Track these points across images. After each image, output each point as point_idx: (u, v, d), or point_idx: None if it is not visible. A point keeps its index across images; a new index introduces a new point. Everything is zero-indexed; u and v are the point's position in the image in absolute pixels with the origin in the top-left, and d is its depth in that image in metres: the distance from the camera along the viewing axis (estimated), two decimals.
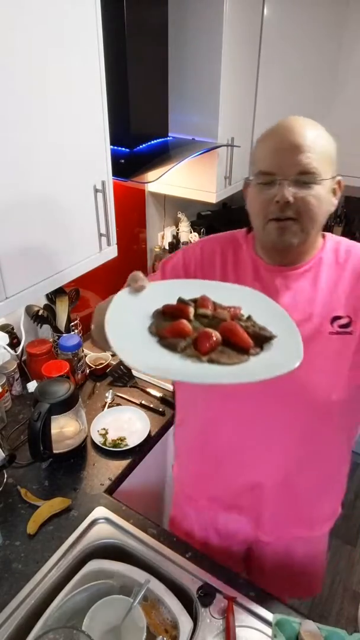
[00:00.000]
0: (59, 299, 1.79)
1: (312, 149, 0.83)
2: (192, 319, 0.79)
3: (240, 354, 0.73)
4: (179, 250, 1.08)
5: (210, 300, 0.82)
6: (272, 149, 0.87)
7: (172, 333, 0.75)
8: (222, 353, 0.73)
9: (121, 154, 1.71)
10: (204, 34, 1.79)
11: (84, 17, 1.13)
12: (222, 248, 1.02)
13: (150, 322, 0.79)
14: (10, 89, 1.00)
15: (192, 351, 0.73)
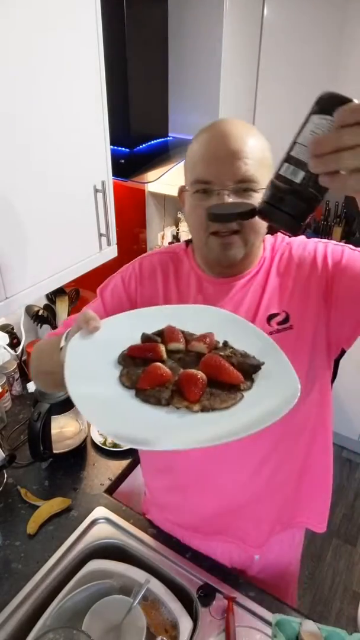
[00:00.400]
0: (59, 299, 1.80)
1: (250, 154, 0.79)
2: (166, 358, 0.69)
3: (231, 392, 0.64)
4: (114, 274, 1.02)
5: (177, 331, 0.73)
6: (208, 156, 0.81)
7: (150, 382, 0.64)
8: (212, 396, 0.63)
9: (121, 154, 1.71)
10: (204, 34, 1.79)
11: (84, 17, 1.13)
12: (162, 264, 0.97)
13: (119, 371, 0.68)
14: (10, 89, 1.00)
15: (180, 401, 0.63)
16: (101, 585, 1.03)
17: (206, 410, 0.62)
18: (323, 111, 0.48)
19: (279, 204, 0.56)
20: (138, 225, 2.38)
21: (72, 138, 1.20)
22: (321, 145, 0.44)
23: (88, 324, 0.70)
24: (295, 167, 0.52)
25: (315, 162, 0.45)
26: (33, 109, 1.07)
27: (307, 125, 0.50)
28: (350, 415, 2.61)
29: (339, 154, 0.43)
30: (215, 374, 0.65)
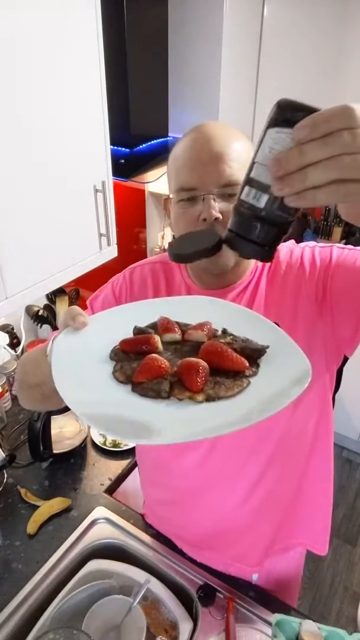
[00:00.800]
0: (59, 299, 1.80)
1: (234, 157, 0.75)
2: (162, 350, 0.65)
3: (236, 379, 0.60)
4: (105, 284, 0.99)
5: (172, 321, 0.69)
6: (191, 162, 0.77)
7: (147, 374, 0.59)
8: (217, 384, 0.59)
9: (121, 154, 1.71)
10: (204, 34, 1.79)
11: (84, 18, 1.13)
12: (153, 274, 0.94)
13: (113, 366, 0.63)
14: (10, 89, 1.00)
15: (182, 392, 0.58)
16: (101, 585, 1.03)
17: (211, 399, 0.57)
18: (281, 123, 0.42)
19: (245, 232, 0.49)
20: (138, 225, 2.38)
21: (72, 138, 1.20)
22: (283, 165, 0.39)
23: (75, 320, 0.66)
24: (257, 190, 0.45)
25: (279, 184, 0.40)
26: (33, 109, 1.07)
27: (264, 141, 0.43)
28: (350, 415, 2.61)
29: (304, 171, 0.38)
30: (217, 361, 0.61)
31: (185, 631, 0.95)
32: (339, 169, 0.37)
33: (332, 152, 0.37)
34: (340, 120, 0.37)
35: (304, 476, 0.98)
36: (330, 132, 0.37)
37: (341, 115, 0.37)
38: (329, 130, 0.37)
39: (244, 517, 0.97)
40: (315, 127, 0.38)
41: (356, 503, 2.49)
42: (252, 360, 0.63)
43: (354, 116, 0.37)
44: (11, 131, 1.03)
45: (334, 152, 0.37)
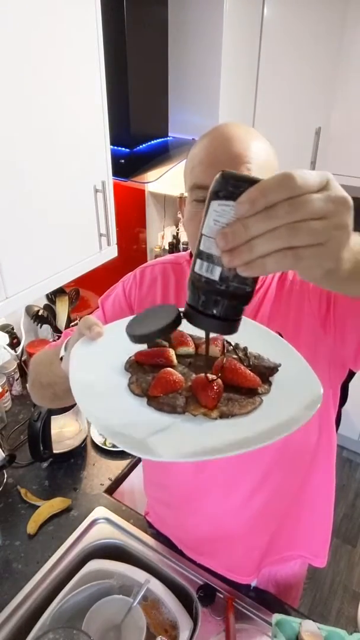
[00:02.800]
0: (59, 299, 1.80)
1: (254, 159, 0.73)
2: (176, 363, 0.66)
3: (249, 396, 0.60)
4: (117, 283, 0.99)
5: (186, 334, 0.69)
6: (207, 160, 0.75)
7: (162, 389, 0.60)
8: (230, 401, 0.60)
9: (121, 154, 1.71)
10: (204, 34, 1.79)
11: (84, 17, 1.13)
12: (164, 274, 0.94)
13: (128, 378, 0.64)
14: (10, 89, 1.00)
15: (197, 408, 0.59)
16: (101, 585, 1.03)
17: (225, 416, 0.58)
18: (223, 196, 0.40)
19: (203, 307, 0.46)
20: (138, 225, 2.38)
21: (72, 138, 1.20)
22: (229, 240, 0.39)
23: (90, 330, 0.66)
24: (209, 262, 0.43)
25: (228, 256, 0.40)
26: (33, 109, 1.06)
27: (209, 213, 0.42)
28: (351, 415, 2.61)
29: (250, 243, 0.38)
30: (231, 377, 0.61)
31: (185, 631, 0.95)
32: (283, 238, 0.37)
33: (274, 224, 0.37)
34: (279, 192, 0.37)
35: (304, 489, 0.97)
36: (271, 205, 0.37)
37: (279, 187, 0.37)
38: (268, 203, 0.37)
39: (240, 526, 0.97)
40: (256, 202, 0.37)
41: (356, 503, 2.49)
42: (265, 378, 0.63)
43: (292, 185, 0.36)
44: (11, 131, 1.03)
45: (277, 224, 0.37)
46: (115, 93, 1.36)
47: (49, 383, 0.84)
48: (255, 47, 1.96)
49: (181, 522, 1.06)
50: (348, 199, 0.40)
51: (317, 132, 2.23)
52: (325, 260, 0.39)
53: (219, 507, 0.96)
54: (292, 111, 2.16)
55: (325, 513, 1.05)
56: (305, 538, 1.04)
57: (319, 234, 0.37)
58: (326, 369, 0.84)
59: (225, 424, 0.57)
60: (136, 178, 1.68)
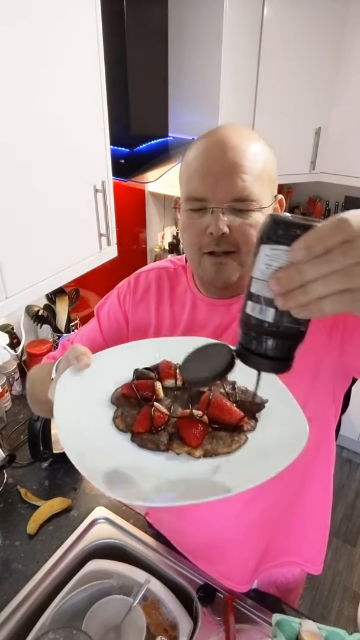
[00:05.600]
0: (59, 299, 1.80)
1: (250, 168, 0.71)
2: (162, 397, 0.65)
3: (234, 433, 0.59)
4: (112, 290, 0.98)
5: (173, 366, 0.69)
6: (202, 170, 0.73)
7: (146, 425, 0.59)
8: (214, 439, 0.58)
9: (121, 154, 1.71)
10: (204, 34, 1.79)
11: (84, 17, 1.13)
12: (158, 280, 0.93)
13: (113, 412, 0.64)
14: (10, 89, 1.00)
15: (180, 446, 0.58)
16: (101, 585, 1.03)
17: (209, 455, 0.57)
18: (274, 241, 0.40)
19: (257, 348, 0.46)
20: (138, 225, 2.38)
21: (72, 138, 1.19)
22: (283, 285, 0.39)
23: (78, 360, 0.65)
24: (262, 305, 0.43)
25: (282, 299, 0.40)
26: (33, 109, 1.06)
27: (259, 256, 0.42)
28: (351, 415, 2.61)
29: (306, 287, 0.38)
30: (216, 414, 0.60)
31: (185, 631, 0.95)
32: (340, 282, 0.37)
33: (331, 269, 0.37)
34: (335, 237, 0.37)
35: (300, 499, 0.97)
36: (327, 250, 0.37)
37: (336, 231, 0.37)
38: (325, 249, 0.37)
39: (236, 534, 0.96)
40: (312, 249, 0.37)
41: (356, 503, 2.49)
42: (251, 414, 0.62)
43: (348, 229, 0.36)
44: (11, 131, 1.03)
45: (334, 269, 0.37)
46: (115, 93, 1.36)
47: (44, 401, 0.82)
48: (255, 47, 1.96)
49: (178, 527, 1.06)
50: None
51: (317, 132, 2.23)
52: None
53: (215, 515, 0.95)
54: (292, 111, 2.16)
55: (321, 522, 1.05)
56: (301, 546, 1.04)
57: None
58: (330, 382, 0.83)
59: (207, 464, 0.56)
60: (136, 178, 1.68)
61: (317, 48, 2.07)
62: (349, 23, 2.04)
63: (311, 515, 1.01)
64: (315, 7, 1.97)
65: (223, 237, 0.73)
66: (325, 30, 2.04)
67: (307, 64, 2.09)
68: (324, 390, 0.85)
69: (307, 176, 2.33)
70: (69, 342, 0.98)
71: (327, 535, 1.07)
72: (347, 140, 2.24)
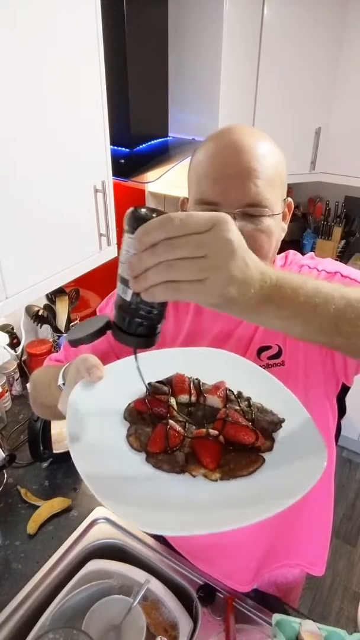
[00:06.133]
0: (59, 299, 1.80)
1: (262, 172, 0.70)
2: (177, 413, 0.63)
3: (251, 454, 0.58)
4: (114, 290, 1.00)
5: (186, 380, 0.67)
6: (214, 173, 0.72)
7: (161, 445, 0.58)
8: (232, 461, 0.57)
9: (121, 154, 1.71)
10: (204, 34, 1.79)
11: (84, 18, 1.13)
12: None
13: (127, 429, 0.62)
14: (10, 89, 1.00)
15: (197, 468, 0.56)
16: (101, 585, 1.03)
17: (226, 478, 0.55)
18: (129, 231, 0.47)
19: (122, 325, 0.53)
20: None
21: (72, 138, 1.19)
22: (131, 269, 0.46)
23: (90, 373, 0.64)
24: (123, 285, 0.50)
25: (131, 282, 0.46)
26: (33, 109, 1.06)
27: (123, 243, 0.49)
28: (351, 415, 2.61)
29: (145, 274, 0.44)
30: (232, 433, 0.59)
31: (185, 631, 0.95)
32: (163, 273, 0.43)
33: (157, 259, 0.43)
34: (159, 233, 0.42)
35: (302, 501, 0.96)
36: (155, 243, 0.43)
37: (159, 228, 0.42)
38: (152, 241, 0.43)
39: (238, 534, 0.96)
40: (142, 240, 0.44)
41: (356, 503, 2.49)
42: (267, 434, 0.61)
43: (169, 226, 0.42)
44: (11, 132, 1.03)
45: (159, 260, 0.43)
46: (115, 93, 1.36)
47: (48, 405, 0.82)
48: (255, 47, 1.96)
49: None
50: (231, 242, 0.43)
51: (317, 132, 2.23)
52: (205, 296, 0.44)
53: None
54: (292, 111, 2.16)
55: (323, 523, 1.05)
56: (303, 548, 1.04)
57: (196, 272, 0.42)
58: (322, 387, 0.84)
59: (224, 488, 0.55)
60: (136, 178, 1.68)
61: (317, 48, 2.07)
62: (348, 23, 2.04)
63: (313, 518, 1.01)
64: (315, 7, 1.97)
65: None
66: (325, 30, 2.04)
67: (307, 64, 2.09)
68: (319, 396, 0.85)
69: (307, 176, 2.33)
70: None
71: (329, 537, 1.07)
72: (347, 140, 2.24)
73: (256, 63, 2.00)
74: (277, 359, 0.80)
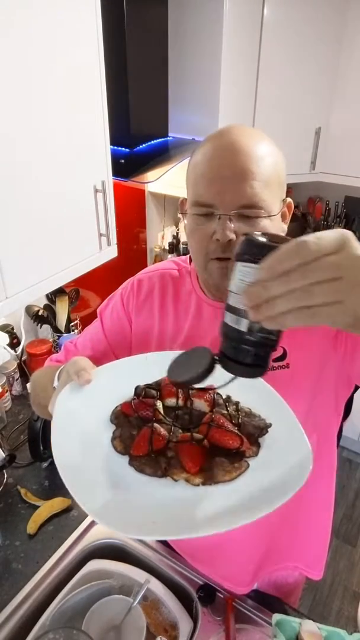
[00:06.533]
0: (59, 299, 1.80)
1: (259, 174, 0.70)
2: (162, 416, 0.63)
3: (235, 459, 0.57)
4: (115, 291, 0.97)
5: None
6: (210, 174, 0.71)
7: (145, 448, 0.58)
8: (215, 466, 0.57)
9: (121, 154, 1.71)
10: (204, 34, 1.79)
11: (84, 17, 1.13)
12: (162, 282, 0.91)
13: (112, 432, 0.62)
14: (10, 89, 1.00)
15: (179, 472, 0.56)
16: (101, 585, 1.03)
17: (208, 482, 0.55)
18: (246, 259, 0.45)
19: (234, 355, 0.50)
20: (138, 225, 2.38)
21: (72, 138, 1.20)
22: (253, 298, 0.43)
23: (79, 376, 0.64)
24: (237, 316, 0.48)
25: (252, 312, 0.44)
26: (33, 109, 1.06)
27: (235, 272, 0.47)
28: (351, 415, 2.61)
29: (271, 302, 0.42)
30: (217, 438, 0.59)
31: (185, 631, 0.95)
32: (299, 299, 0.41)
33: (290, 287, 0.41)
34: (293, 259, 0.40)
35: (303, 504, 0.96)
36: (287, 271, 0.41)
37: (294, 254, 0.41)
38: (285, 270, 0.41)
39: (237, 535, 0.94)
40: (273, 269, 0.42)
41: (356, 503, 2.49)
42: (253, 439, 0.61)
43: (304, 252, 0.40)
44: (11, 132, 1.03)
45: (292, 287, 0.41)
46: (115, 93, 1.35)
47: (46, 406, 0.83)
48: (255, 47, 1.96)
49: None
50: None
51: (317, 132, 2.23)
52: (343, 316, 0.42)
53: None
54: (292, 111, 2.16)
55: (323, 528, 1.04)
56: (302, 551, 1.04)
57: (333, 294, 0.41)
58: (332, 391, 0.83)
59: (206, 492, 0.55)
60: (136, 178, 1.68)
61: (317, 48, 2.07)
62: (349, 23, 2.04)
63: (313, 521, 1.01)
64: (315, 7, 1.97)
65: (230, 244, 0.72)
66: (325, 30, 2.04)
67: (307, 64, 2.09)
68: (327, 400, 0.84)
69: (307, 176, 2.33)
70: (72, 345, 0.97)
71: (328, 541, 1.07)
72: (347, 140, 2.24)
73: (256, 63, 2.00)
74: (282, 361, 0.80)
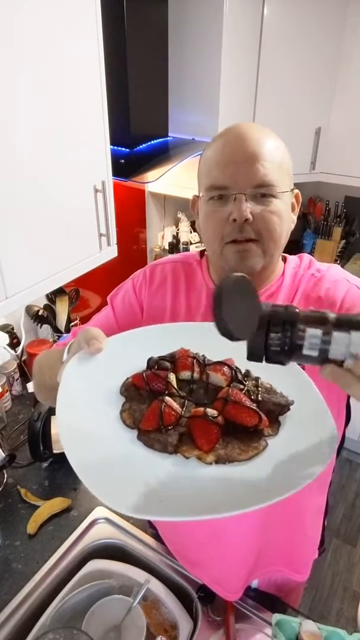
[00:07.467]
0: (59, 299, 1.80)
1: (269, 157, 0.74)
2: (175, 391, 0.59)
3: (253, 438, 0.53)
4: (125, 280, 0.97)
5: (191, 356, 0.63)
6: (224, 160, 0.75)
7: (155, 423, 0.54)
8: (230, 444, 0.53)
9: (121, 154, 1.71)
10: (204, 34, 1.79)
11: (84, 18, 1.13)
12: (174, 273, 0.91)
13: (122, 404, 0.58)
14: (10, 89, 1.00)
15: (190, 449, 0.52)
16: (101, 585, 1.03)
17: (221, 461, 0.51)
18: None
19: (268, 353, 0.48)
20: (138, 225, 2.38)
21: (72, 138, 1.19)
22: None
23: (89, 344, 0.61)
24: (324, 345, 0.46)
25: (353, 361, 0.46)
26: (33, 109, 1.06)
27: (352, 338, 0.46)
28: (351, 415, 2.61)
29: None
30: (234, 414, 0.54)
31: (185, 631, 0.95)
32: None
33: None
34: None
35: (295, 511, 0.95)
36: None
37: None
38: None
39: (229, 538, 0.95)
40: None
41: (356, 503, 2.49)
42: (273, 417, 0.56)
43: None
44: (11, 131, 1.03)
45: None
46: (115, 93, 1.36)
47: (52, 386, 0.82)
48: (255, 47, 1.96)
49: (170, 526, 1.05)
50: None
51: (317, 132, 2.23)
52: None
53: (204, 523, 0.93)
54: (292, 111, 2.16)
55: (314, 533, 1.05)
56: (290, 557, 1.04)
57: None
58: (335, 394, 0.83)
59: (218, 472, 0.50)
60: (136, 178, 1.68)
61: (317, 48, 2.07)
62: (349, 23, 2.04)
63: (303, 527, 1.00)
64: (315, 7, 1.97)
65: (246, 224, 0.74)
66: (325, 30, 2.04)
67: (307, 64, 2.09)
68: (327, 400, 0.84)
69: (307, 176, 2.33)
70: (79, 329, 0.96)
71: (317, 544, 1.07)
72: (347, 140, 2.24)
73: (256, 63, 2.01)
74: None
